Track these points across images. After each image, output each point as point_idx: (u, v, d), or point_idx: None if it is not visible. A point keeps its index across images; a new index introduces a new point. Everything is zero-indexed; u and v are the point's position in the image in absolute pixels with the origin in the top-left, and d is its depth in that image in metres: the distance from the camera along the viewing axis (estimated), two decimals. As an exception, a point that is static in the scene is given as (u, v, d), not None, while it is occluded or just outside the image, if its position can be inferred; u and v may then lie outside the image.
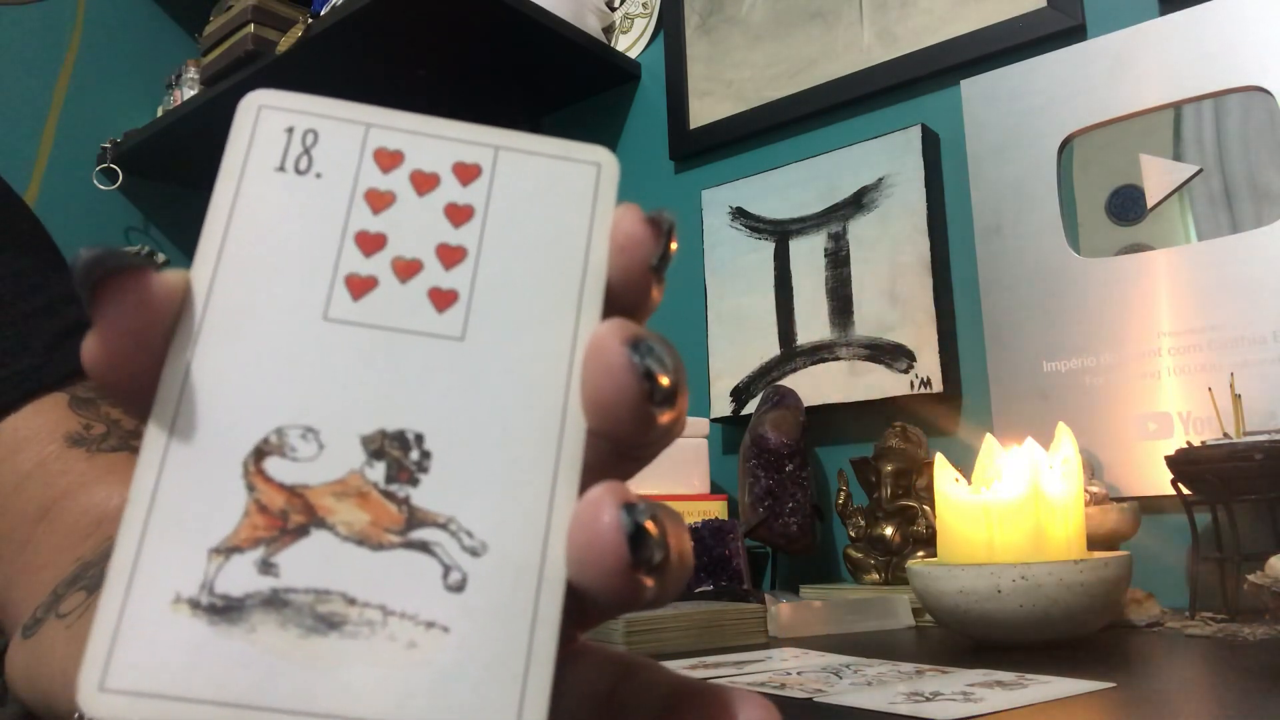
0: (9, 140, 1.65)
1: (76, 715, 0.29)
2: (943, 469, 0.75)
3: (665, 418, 0.18)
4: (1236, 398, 0.86)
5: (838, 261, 1.21)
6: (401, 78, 1.47)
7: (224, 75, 1.59)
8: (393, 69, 1.45)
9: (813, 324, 1.22)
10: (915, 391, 1.11)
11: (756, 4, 1.36)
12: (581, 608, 0.18)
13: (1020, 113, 1.09)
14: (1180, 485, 0.82)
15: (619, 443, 0.18)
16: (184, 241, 1.86)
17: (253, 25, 1.56)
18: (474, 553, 0.18)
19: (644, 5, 1.53)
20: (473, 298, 0.19)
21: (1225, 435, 0.85)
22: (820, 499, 1.19)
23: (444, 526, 0.18)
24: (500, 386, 0.19)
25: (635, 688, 0.20)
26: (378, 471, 0.18)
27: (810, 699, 0.51)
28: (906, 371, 1.12)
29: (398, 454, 0.18)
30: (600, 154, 0.21)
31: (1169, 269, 0.98)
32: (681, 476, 1.15)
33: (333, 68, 1.44)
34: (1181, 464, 0.81)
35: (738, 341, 1.29)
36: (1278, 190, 0.93)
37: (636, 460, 0.20)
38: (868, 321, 1.17)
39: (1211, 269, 0.95)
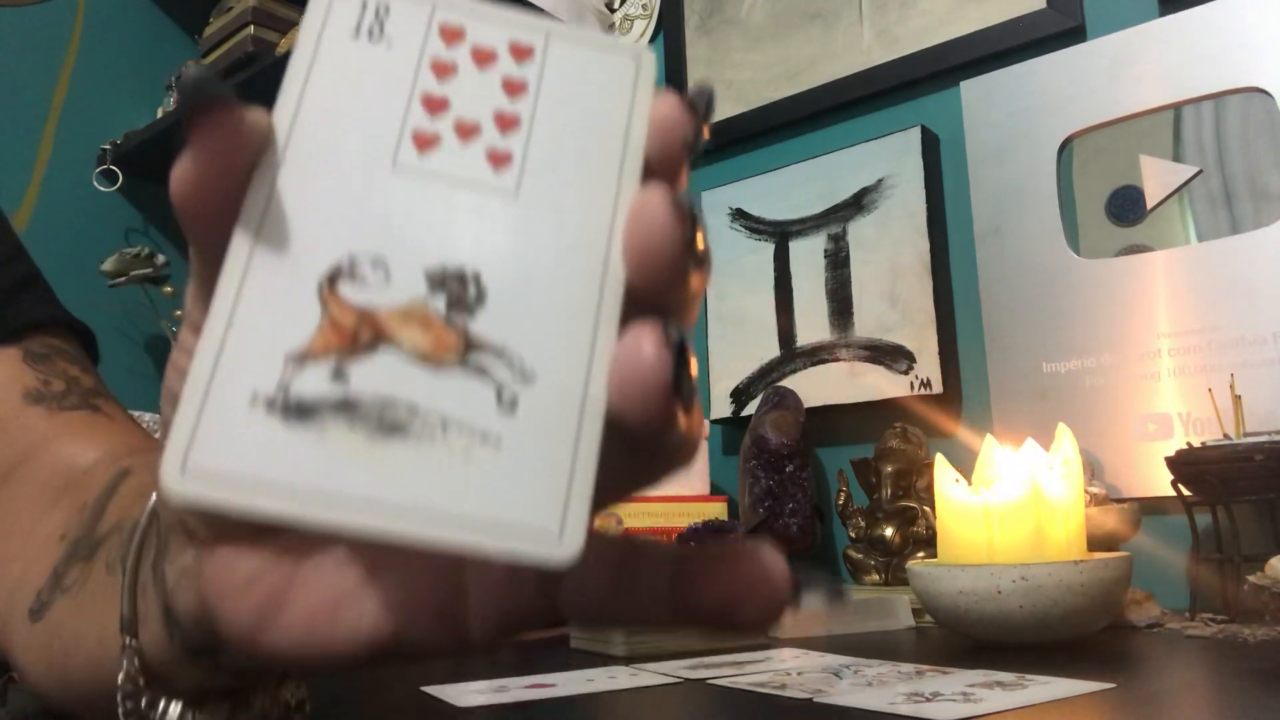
0: (9, 140, 1.65)
1: (126, 642, 0.29)
2: (943, 470, 0.75)
3: (697, 281, 0.20)
4: (1236, 398, 0.86)
5: (837, 263, 1.21)
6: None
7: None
8: (393, 70, 1.45)
9: (812, 325, 1.22)
10: (915, 392, 1.11)
11: (756, 5, 1.36)
12: (614, 466, 0.19)
13: (1020, 113, 1.09)
14: (1180, 486, 0.82)
15: (654, 296, 0.20)
16: (184, 244, 1.85)
17: (252, 26, 1.56)
18: (525, 378, 0.19)
19: (644, 6, 1.53)
20: (526, 160, 0.21)
21: (1225, 436, 0.85)
22: (820, 500, 1.19)
23: (498, 354, 0.19)
24: (549, 237, 0.20)
25: (644, 557, 0.21)
26: (439, 301, 0.19)
27: (810, 699, 0.51)
28: (906, 373, 1.12)
29: (457, 288, 0.20)
30: (640, 48, 0.23)
31: (1169, 270, 0.98)
32: (682, 477, 1.14)
33: (333, 69, 1.44)
34: (1181, 465, 0.81)
35: (738, 342, 1.29)
36: (1278, 190, 0.93)
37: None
38: (867, 323, 1.17)
39: (1211, 269, 0.95)
